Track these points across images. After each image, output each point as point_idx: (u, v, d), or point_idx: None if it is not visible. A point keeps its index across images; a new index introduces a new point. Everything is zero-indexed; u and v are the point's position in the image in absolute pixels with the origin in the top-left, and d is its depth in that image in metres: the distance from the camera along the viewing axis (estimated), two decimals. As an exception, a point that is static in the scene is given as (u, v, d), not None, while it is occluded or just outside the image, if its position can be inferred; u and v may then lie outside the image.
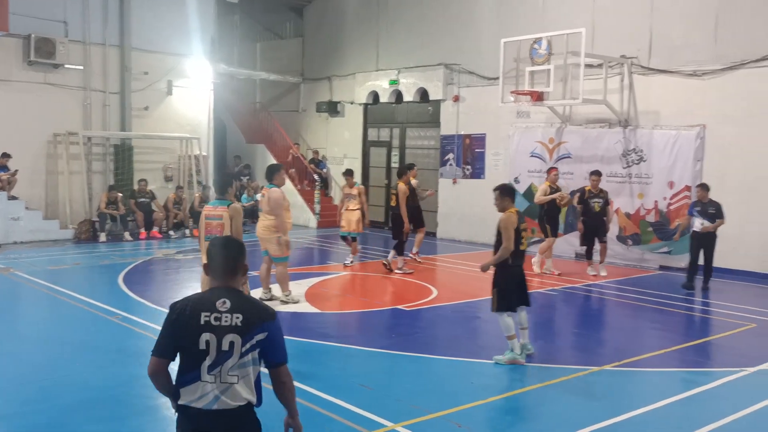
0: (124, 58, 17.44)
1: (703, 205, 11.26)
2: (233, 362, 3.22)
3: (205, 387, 3.22)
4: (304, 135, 22.36)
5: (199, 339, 3.21)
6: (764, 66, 12.52)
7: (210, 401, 3.22)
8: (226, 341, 3.21)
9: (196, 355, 3.22)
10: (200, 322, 3.22)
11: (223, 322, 3.22)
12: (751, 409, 6.15)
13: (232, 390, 3.22)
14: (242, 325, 3.23)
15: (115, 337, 8.22)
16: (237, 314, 3.24)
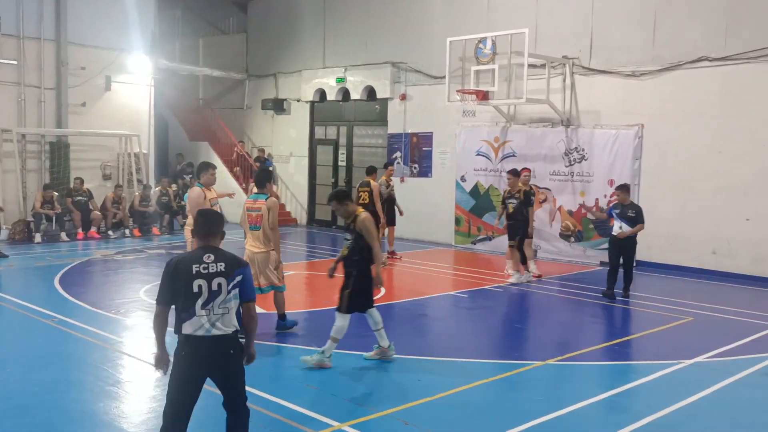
0: (61, 53, 16.89)
1: (623, 208, 10.69)
2: (222, 299, 4.29)
3: (201, 320, 4.24)
4: (249, 133, 22.07)
5: (192, 284, 4.23)
6: (699, 67, 12.94)
7: (206, 330, 4.25)
8: (215, 283, 4.27)
9: (192, 297, 4.23)
10: (192, 272, 4.25)
11: (211, 270, 4.27)
12: (688, 401, 6.33)
13: (221, 320, 4.29)
14: (225, 270, 4.30)
15: (51, 341, 7.93)
16: (220, 263, 4.31)
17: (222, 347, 4.32)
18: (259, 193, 8.22)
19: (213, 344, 4.28)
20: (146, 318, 9.06)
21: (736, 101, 12.57)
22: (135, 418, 5.76)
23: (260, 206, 8.08)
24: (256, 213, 8.12)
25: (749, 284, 12.16)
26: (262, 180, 8.33)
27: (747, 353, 7.94)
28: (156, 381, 6.67)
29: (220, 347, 4.31)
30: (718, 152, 12.83)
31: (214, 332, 4.27)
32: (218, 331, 4.28)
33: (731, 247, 12.79)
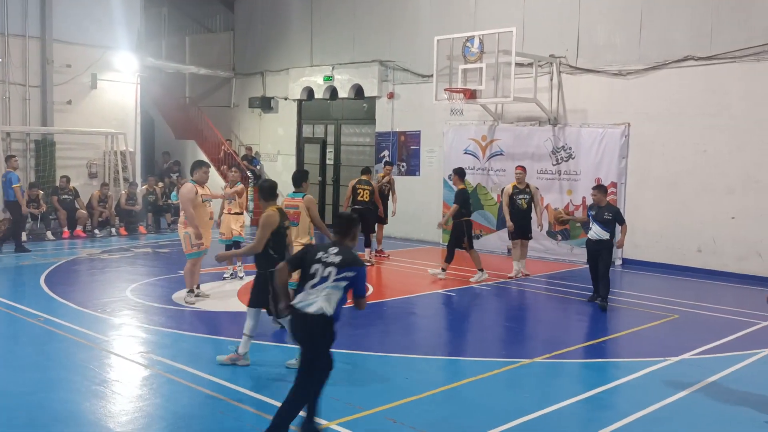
0: (46, 51, 16.75)
1: (599, 210, 10.04)
2: (328, 284, 5.04)
3: (308, 296, 5.05)
4: (236, 131, 21.99)
5: (313, 267, 5.09)
6: (684, 66, 13.03)
7: (305, 305, 5.04)
8: (328, 270, 5.04)
9: (308, 277, 5.09)
10: (315, 257, 5.13)
11: (328, 260, 5.07)
12: (674, 398, 6.38)
13: (319, 302, 5.01)
14: (339, 263, 5.06)
15: (37, 340, 7.88)
16: (338, 256, 5.10)
17: (310, 323, 5.04)
18: (296, 191, 8.81)
19: (306, 318, 5.04)
20: (133, 317, 9.02)
21: (721, 100, 12.68)
22: (122, 417, 5.72)
23: (297, 203, 8.69)
24: (293, 210, 8.64)
25: (734, 282, 12.27)
26: (299, 179, 8.85)
27: (732, 350, 8.01)
28: (142, 380, 6.64)
29: (308, 322, 5.05)
30: (703, 151, 12.94)
31: (308, 310, 5.02)
32: (312, 309, 5.01)
33: (716, 245, 12.90)
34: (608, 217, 9.92)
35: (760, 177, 12.36)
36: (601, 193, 10.17)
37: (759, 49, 12.20)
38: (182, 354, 7.40)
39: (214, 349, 7.82)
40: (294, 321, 5.18)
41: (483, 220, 15.76)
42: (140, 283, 11.18)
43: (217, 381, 6.53)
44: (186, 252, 9.69)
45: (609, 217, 9.93)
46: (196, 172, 9.69)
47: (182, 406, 5.99)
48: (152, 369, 6.91)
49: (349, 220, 5.38)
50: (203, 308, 9.56)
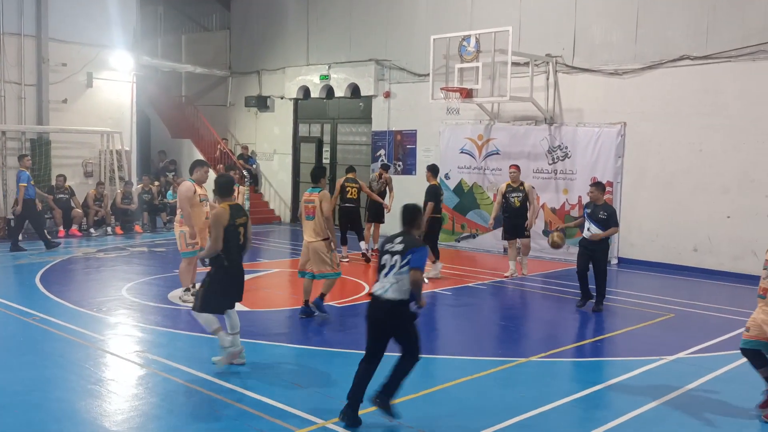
0: (41, 49, 16.69)
1: (595, 208, 9.63)
2: (395, 271, 5.45)
3: (383, 284, 5.49)
4: (233, 130, 21.97)
5: (383, 258, 5.56)
6: (680, 66, 13.05)
7: (382, 292, 5.47)
8: (395, 258, 5.48)
9: (381, 268, 5.55)
10: (384, 248, 5.60)
11: (393, 249, 5.51)
12: (670, 396, 6.39)
13: (392, 289, 5.43)
14: (402, 250, 5.46)
15: (32, 339, 7.86)
16: (401, 244, 5.50)
17: (386, 308, 5.47)
18: (314, 186, 8.99)
19: (382, 304, 5.48)
20: (128, 316, 9.00)
21: (717, 100, 12.70)
22: (117, 416, 5.71)
23: (314, 198, 8.81)
24: (311, 205, 8.82)
25: (729, 281, 12.30)
26: (317, 175, 9.12)
27: (727, 349, 8.02)
28: (138, 379, 6.63)
29: (384, 307, 5.48)
30: (699, 150, 12.96)
31: (384, 296, 5.45)
32: (387, 296, 5.44)
33: (712, 245, 12.93)
34: (603, 217, 9.53)
35: (755, 176, 12.39)
36: (598, 190, 9.78)
37: (755, 48, 12.23)
38: (178, 353, 7.39)
39: (210, 348, 7.80)
40: (372, 308, 5.58)
41: (479, 220, 15.77)
42: (136, 282, 11.16)
43: (213, 380, 6.52)
44: (181, 251, 9.67)
45: (604, 216, 9.53)
46: (196, 172, 9.70)
47: (178, 405, 5.98)
48: (148, 368, 6.90)
49: (414, 210, 5.79)
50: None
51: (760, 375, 6.03)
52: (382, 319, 5.51)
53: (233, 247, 6.71)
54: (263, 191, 21.19)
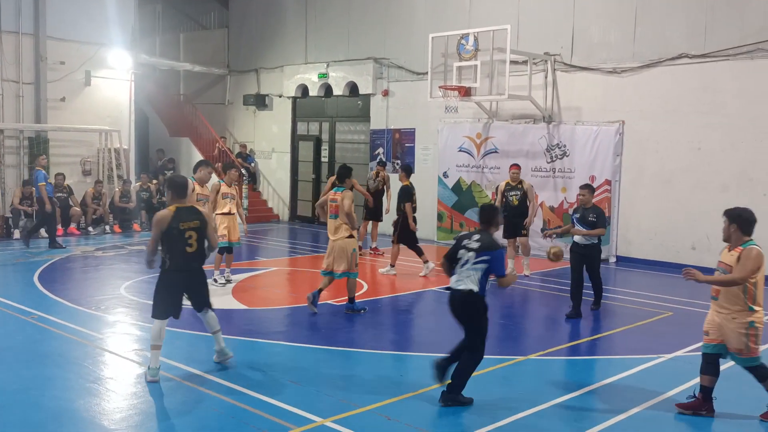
0: (39, 47, 16.66)
1: (585, 212, 9.35)
2: (468, 266, 5.97)
3: (459, 276, 6.03)
4: (231, 128, 21.95)
5: (458, 252, 6.08)
6: (679, 64, 13.06)
7: (457, 283, 6.03)
8: (469, 254, 5.98)
9: (456, 261, 6.07)
10: (461, 245, 6.09)
11: (470, 246, 6.01)
12: (668, 394, 6.41)
13: (465, 281, 5.97)
14: (477, 248, 5.97)
15: (30, 338, 7.85)
16: (477, 242, 6.01)
17: (461, 299, 6.01)
18: (339, 185, 9.20)
19: (458, 296, 6.03)
20: (127, 314, 9.00)
21: (715, 98, 12.71)
22: (116, 415, 5.72)
23: (338, 197, 8.99)
24: (335, 204, 9.00)
25: (727, 279, 12.29)
26: (342, 175, 9.30)
27: (725, 347, 8.03)
28: (137, 378, 6.63)
29: (459, 298, 6.02)
30: (697, 149, 12.97)
31: (459, 287, 6.00)
32: (461, 287, 5.99)
33: (710, 243, 12.93)
34: (593, 219, 9.19)
35: (753, 174, 12.40)
36: (589, 193, 9.46)
37: (753, 47, 12.24)
38: (176, 351, 7.39)
39: (208, 346, 7.80)
40: (450, 298, 6.13)
41: (477, 218, 15.75)
42: (134, 280, 11.15)
43: (212, 378, 6.52)
44: None
45: (594, 219, 9.19)
46: (199, 171, 9.76)
47: (176, 403, 5.98)
48: (146, 366, 6.89)
49: (492, 210, 6.45)
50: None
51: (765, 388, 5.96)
52: (457, 308, 6.10)
53: (176, 252, 6.39)
54: (261, 190, 21.18)
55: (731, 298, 5.79)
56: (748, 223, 5.86)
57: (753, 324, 5.75)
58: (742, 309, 5.76)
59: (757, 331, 5.76)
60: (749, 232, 5.85)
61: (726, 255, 5.89)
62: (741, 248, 5.76)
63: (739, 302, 5.76)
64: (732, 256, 5.78)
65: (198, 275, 6.70)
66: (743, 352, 5.79)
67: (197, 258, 6.57)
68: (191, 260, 6.52)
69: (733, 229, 5.87)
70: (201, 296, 6.76)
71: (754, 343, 5.77)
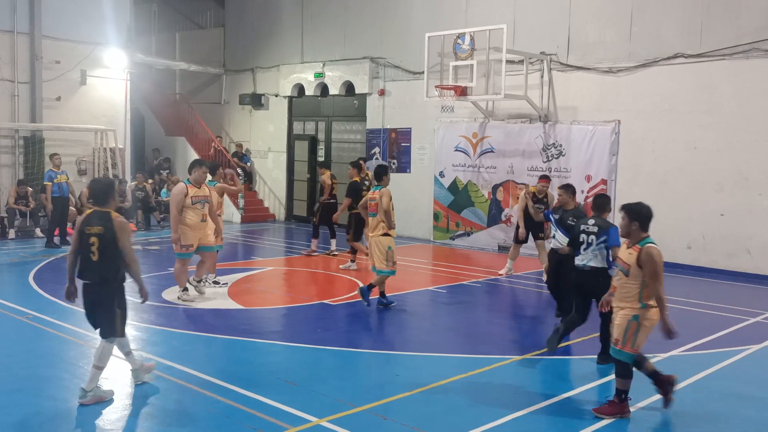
0: (35, 47, 16.61)
1: (564, 213, 8.47)
2: (593, 247, 7.09)
3: (584, 257, 7.15)
4: (227, 128, 21.92)
5: (580, 235, 7.18)
6: (674, 64, 13.08)
7: (585, 263, 7.15)
8: (591, 237, 7.09)
9: (580, 244, 7.17)
10: (581, 229, 7.20)
11: (589, 230, 7.12)
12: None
13: (593, 260, 7.09)
14: (597, 231, 7.08)
15: (25, 338, 7.83)
16: (595, 227, 7.12)
17: (591, 275, 7.09)
18: (378, 184, 9.56)
19: (587, 273, 7.12)
20: (122, 314, 8.96)
21: (711, 98, 12.73)
22: (111, 415, 5.70)
23: (376, 196, 9.31)
24: (374, 202, 9.34)
25: (723, 279, 12.34)
26: (380, 174, 9.67)
27: (721, 347, 8.07)
28: (131, 378, 6.61)
29: (589, 276, 7.11)
30: (693, 148, 12.99)
31: (587, 266, 7.12)
32: (589, 266, 7.12)
33: (706, 242, 12.96)
34: (572, 223, 8.10)
35: (749, 174, 12.43)
36: (567, 193, 8.56)
37: (748, 47, 12.26)
38: (172, 351, 7.38)
39: (204, 346, 7.80)
40: (579, 275, 7.16)
41: (474, 218, 15.79)
42: (129, 280, 11.07)
43: (207, 378, 6.51)
44: (175, 251, 9.67)
45: (573, 222, 8.11)
46: (194, 172, 9.54)
47: (172, 403, 5.97)
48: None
49: (605, 197, 7.48)
50: (193, 306, 9.53)
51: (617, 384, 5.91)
52: (588, 283, 7.09)
53: (83, 259, 5.91)
54: (258, 189, 21.16)
55: (625, 295, 5.78)
56: (648, 219, 5.87)
57: (636, 318, 5.72)
58: (634, 303, 5.75)
59: (638, 327, 5.73)
60: (647, 228, 5.86)
61: (624, 252, 5.86)
62: (639, 247, 5.73)
63: (632, 298, 5.74)
64: (631, 255, 5.75)
65: (94, 293, 5.86)
66: (618, 342, 5.78)
67: (97, 270, 5.81)
68: (90, 270, 5.84)
69: (634, 227, 5.84)
70: (94, 318, 5.97)
71: (631, 338, 5.74)
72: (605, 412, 5.82)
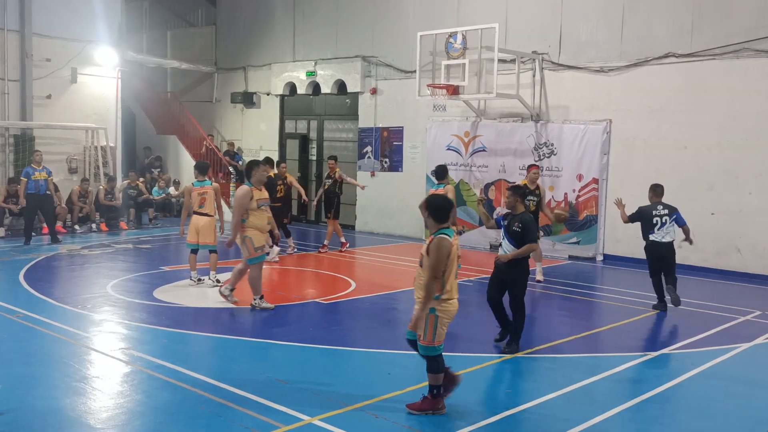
0: (25, 44, 16.52)
1: (512, 219, 7.63)
2: (667, 225, 9.48)
3: (662, 233, 9.49)
4: (218, 126, 21.87)
5: (653, 219, 9.51)
6: (665, 63, 13.14)
7: (662, 238, 9.47)
8: (663, 219, 9.49)
9: (653, 225, 9.52)
10: (653, 213, 9.57)
11: (661, 213, 9.54)
12: (655, 392, 6.44)
13: (667, 236, 9.49)
14: (668, 213, 9.56)
15: (15, 337, 7.79)
16: (666, 209, 9.60)
17: (669, 249, 9.52)
18: (439, 183, 10.39)
19: (665, 247, 9.48)
20: (113, 313, 8.95)
21: (701, 97, 12.80)
22: (102, 414, 5.68)
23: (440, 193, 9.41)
24: None
25: (714, 277, 12.41)
26: (441, 173, 10.63)
27: (712, 345, 8.11)
28: (123, 376, 6.60)
29: (667, 248, 9.51)
30: (683, 147, 13.06)
31: (665, 240, 9.45)
32: (667, 240, 9.45)
33: (696, 241, 12.98)
34: (517, 230, 7.44)
35: (739, 173, 12.50)
36: (514, 196, 7.61)
37: (738, 46, 12.33)
38: (163, 350, 7.36)
39: (195, 345, 7.79)
40: (658, 248, 9.44)
41: (466, 216, 15.81)
42: (121, 279, 11.09)
43: (198, 377, 6.49)
44: (247, 257, 9.14)
45: (518, 229, 7.43)
46: (254, 174, 8.97)
47: (163, 402, 5.95)
48: (133, 365, 6.86)
49: (660, 186, 9.83)
50: (184, 304, 9.51)
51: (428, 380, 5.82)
52: (666, 254, 9.45)
53: None
54: (250, 188, 21.09)
55: (421, 285, 5.71)
56: (439, 210, 5.76)
57: (433, 311, 5.66)
58: None
59: (436, 320, 5.67)
60: (441, 219, 5.74)
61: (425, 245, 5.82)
62: (432, 237, 5.72)
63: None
64: (426, 246, 5.74)
65: None
66: (422, 338, 5.73)
67: None
68: None
69: (429, 218, 5.81)
70: None
71: (431, 331, 5.68)
72: (418, 408, 5.74)
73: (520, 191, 7.71)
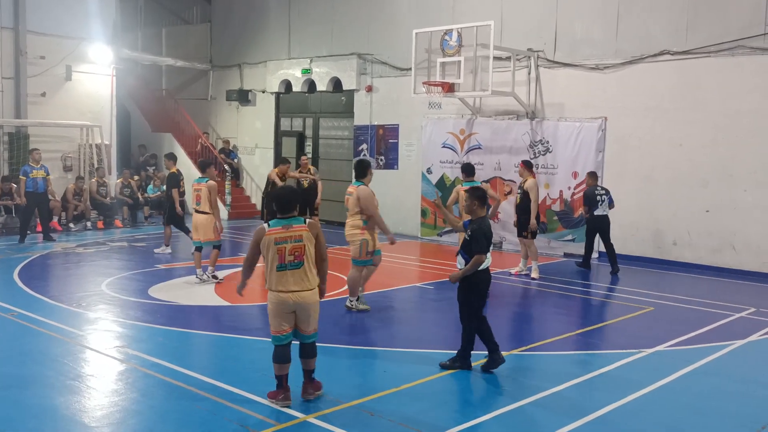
0: (19, 42, 16.45)
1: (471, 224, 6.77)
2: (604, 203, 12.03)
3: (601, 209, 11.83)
4: (214, 124, 21.82)
5: (596, 197, 11.72)
6: (661, 61, 13.15)
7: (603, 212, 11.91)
8: (603, 197, 11.88)
9: (597, 202, 11.72)
10: (595, 193, 11.79)
11: (601, 192, 12.04)
12: (649, 389, 6.46)
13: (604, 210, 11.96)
14: (605, 192, 11.76)
15: (10, 336, 7.77)
16: (603, 190, 11.89)
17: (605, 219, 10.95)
18: (469, 181, 10.30)
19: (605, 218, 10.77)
20: (108, 311, 8.93)
21: (696, 95, 12.82)
22: (97, 412, 5.67)
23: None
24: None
25: (708, 274, 12.44)
26: (470, 171, 10.49)
27: (706, 342, 8.13)
28: (118, 375, 6.58)
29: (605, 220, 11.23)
30: (678, 145, 13.08)
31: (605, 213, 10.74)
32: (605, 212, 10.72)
33: (691, 238, 13.06)
34: (467, 238, 6.70)
35: (733, 170, 12.53)
36: (471, 199, 6.81)
37: (734, 44, 12.35)
38: (158, 348, 7.35)
39: (190, 343, 7.78)
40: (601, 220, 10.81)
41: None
42: (116, 277, 11.07)
43: (193, 375, 6.49)
44: (357, 258, 9.16)
45: (467, 237, 6.70)
46: (369, 174, 9.18)
47: (158, 400, 5.95)
48: (128, 363, 6.85)
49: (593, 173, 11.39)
50: (179, 302, 9.50)
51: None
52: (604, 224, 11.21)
53: None
54: (245, 185, 21.09)
55: None
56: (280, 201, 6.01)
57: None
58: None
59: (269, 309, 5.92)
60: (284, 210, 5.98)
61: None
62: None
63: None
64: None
65: None
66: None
67: None
68: None
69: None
70: None
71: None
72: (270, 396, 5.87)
73: (477, 193, 6.83)
